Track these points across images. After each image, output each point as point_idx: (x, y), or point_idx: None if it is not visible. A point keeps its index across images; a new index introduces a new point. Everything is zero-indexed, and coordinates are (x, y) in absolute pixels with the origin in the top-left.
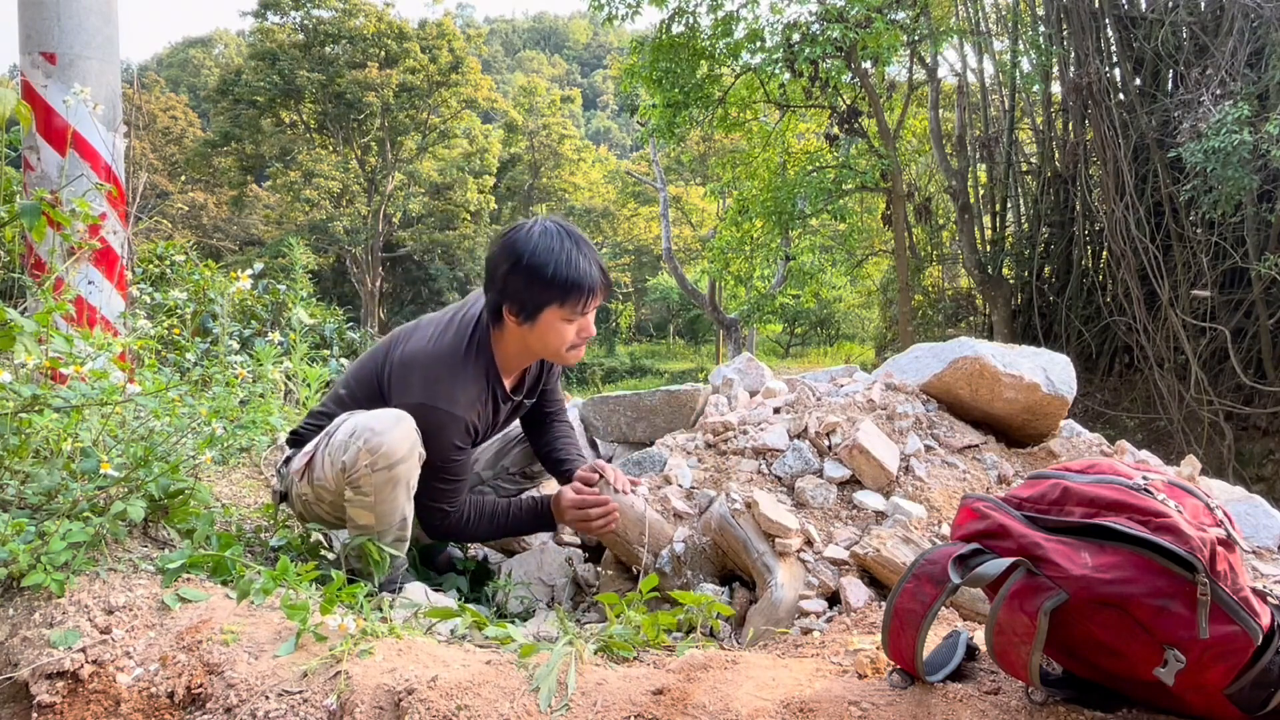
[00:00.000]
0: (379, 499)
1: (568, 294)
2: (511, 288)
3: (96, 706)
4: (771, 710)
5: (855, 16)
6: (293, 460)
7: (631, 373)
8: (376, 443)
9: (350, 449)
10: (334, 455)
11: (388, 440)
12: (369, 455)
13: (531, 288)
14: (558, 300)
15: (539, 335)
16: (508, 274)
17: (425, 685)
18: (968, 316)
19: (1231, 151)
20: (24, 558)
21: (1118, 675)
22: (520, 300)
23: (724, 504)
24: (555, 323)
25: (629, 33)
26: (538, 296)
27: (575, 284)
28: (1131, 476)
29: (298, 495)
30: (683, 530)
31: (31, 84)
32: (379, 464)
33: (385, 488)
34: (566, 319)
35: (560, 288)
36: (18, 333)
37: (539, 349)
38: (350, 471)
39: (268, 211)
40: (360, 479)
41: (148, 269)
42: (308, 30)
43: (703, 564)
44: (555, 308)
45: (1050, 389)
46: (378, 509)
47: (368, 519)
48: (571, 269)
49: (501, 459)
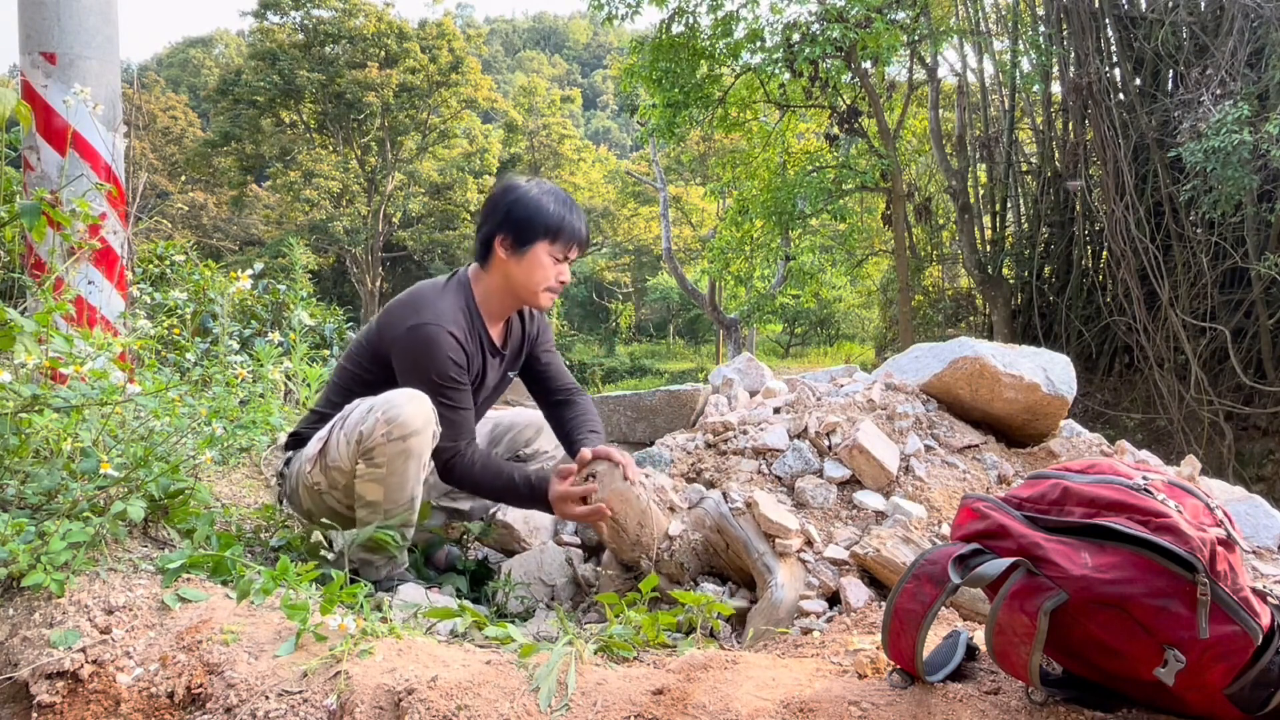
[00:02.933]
0: (390, 470)
1: (559, 233)
2: (509, 218)
3: (96, 706)
4: (771, 710)
5: (855, 16)
6: (293, 460)
7: (631, 373)
8: (394, 413)
9: (368, 420)
10: (349, 431)
11: (405, 412)
12: (385, 425)
13: (528, 220)
14: (550, 236)
15: (525, 267)
16: (509, 206)
17: (425, 685)
18: (968, 316)
19: (1231, 151)
20: (24, 558)
21: (1118, 675)
22: (516, 230)
23: (717, 501)
24: (542, 257)
25: (629, 33)
26: (532, 228)
27: (567, 226)
28: (1131, 476)
29: (309, 487)
30: (676, 525)
31: (31, 84)
32: (394, 433)
33: (398, 459)
34: (553, 257)
35: (554, 225)
36: (18, 333)
37: (521, 282)
38: (366, 441)
39: (268, 211)
40: (375, 449)
41: (148, 269)
42: (308, 30)
43: (690, 560)
44: (546, 243)
45: (1050, 389)
46: (388, 480)
47: (377, 493)
48: (564, 214)
49: (494, 445)
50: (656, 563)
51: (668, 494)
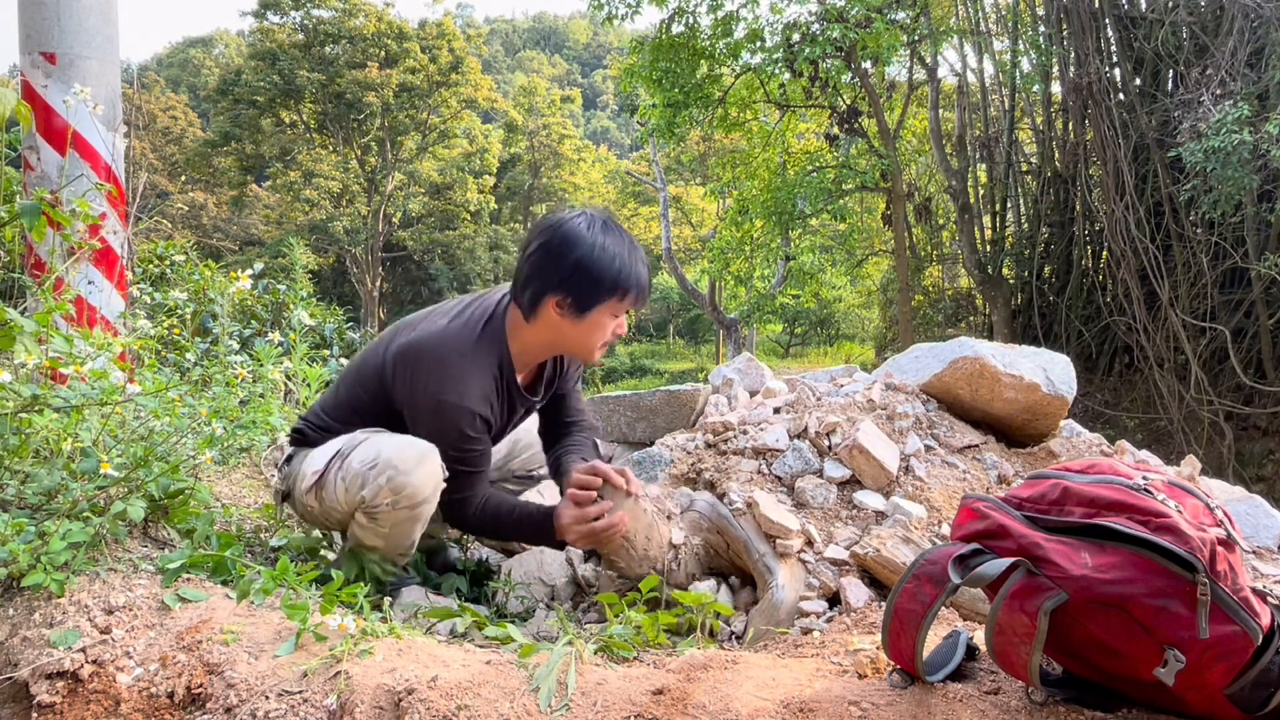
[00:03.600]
0: (394, 532)
1: (626, 293)
2: (572, 281)
3: (96, 706)
4: (771, 710)
5: (855, 16)
6: (295, 460)
7: (631, 373)
8: (401, 483)
9: (371, 485)
10: (350, 483)
11: (413, 481)
12: (392, 494)
13: (594, 283)
14: (617, 298)
15: (583, 331)
16: (573, 268)
17: (425, 685)
18: (968, 316)
19: (1231, 151)
20: (24, 558)
21: (1118, 675)
22: (579, 294)
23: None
24: (604, 319)
25: (629, 33)
26: (598, 292)
27: (635, 284)
28: (1131, 476)
29: (304, 506)
30: (676, 533)
31: (31, 84)
32: (401, 504)
33: (404, 524)
34: (614, 316)
35: (622, 287)
36: (18, 333)
37: (574, 344)
38: (369, 502)
39: (268, 211)
40: (380, 514)
41: (148, 269)
42: (308, 30)
43: (695, 566)
44: (611, 304)
45: (1050, 389)
46: (390, 539)
47: (377, 543)
48: (633, 269)
49: (510, 461)
50: (666, 574)
51: (664, 502)
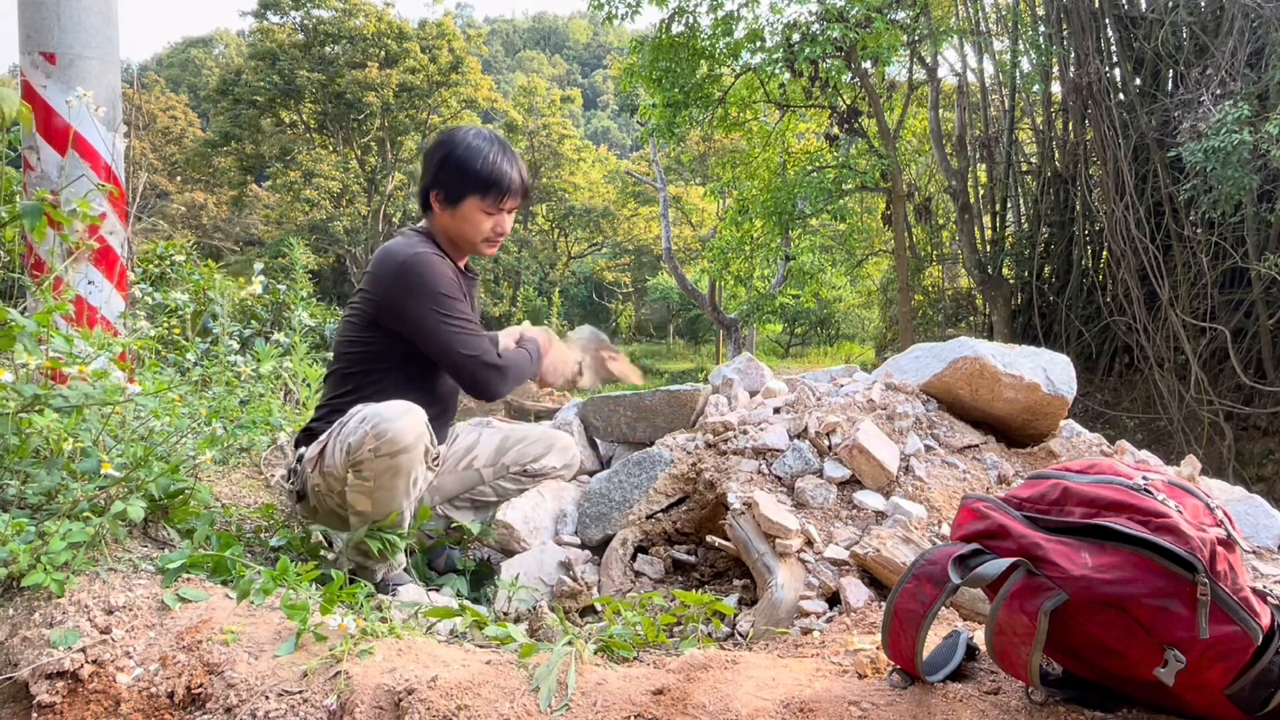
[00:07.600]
0: (378, 484)
1: (489, 188)
2: (440, 176)
3: (96, 706)
4: (771, 710)
5: (855, 16)
6: (305, 454)
7: None
8: (384, 428)
9: (356, 433)
10: (344, 439)
11: (394, 427)
12: (374, 440)
13: (457, 177)
14: (479, 192)
15: (459, 222)
16: (439, 163)
17: (425, 685)
18: (968, 316)
19: (1231, 151)
20: (24, 558)
21: (1118, 675)
22: (446, 187)
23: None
24: (474, 213)
25: (629, 33)
26: (462, 185)
27: (496, 180)
28: (1131, 476)
29: (311, 488)
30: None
31: (31, 84)
32: (383, 449)
33: (385, 474)
34: (485, 211)
35: (483, 181)
36: (18, 333)
37: (456, 235)
38: (354, 453)
39: (268, 211)
40: (363, 463)
41: (148, 269)
42: (308, 30)
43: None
44: (476, 198)
45: (1050, 389)
46: (375, 495)
47: (365, 505)
48: (494, 166)
49: (502, 455)
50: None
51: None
